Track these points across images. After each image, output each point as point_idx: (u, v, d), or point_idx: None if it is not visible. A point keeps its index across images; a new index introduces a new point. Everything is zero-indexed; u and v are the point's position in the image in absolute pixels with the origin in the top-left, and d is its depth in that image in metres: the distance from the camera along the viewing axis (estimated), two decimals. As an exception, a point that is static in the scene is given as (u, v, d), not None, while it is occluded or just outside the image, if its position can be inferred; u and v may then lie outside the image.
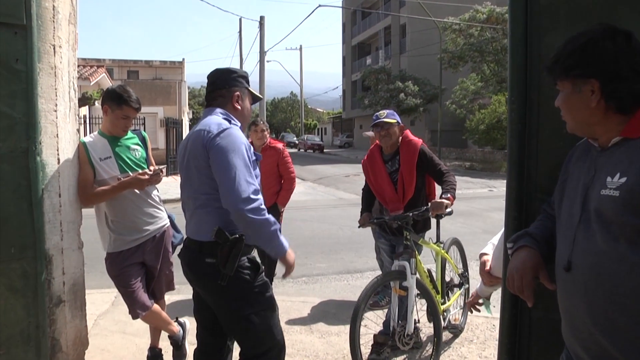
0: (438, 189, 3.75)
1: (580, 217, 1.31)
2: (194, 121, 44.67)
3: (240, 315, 2.21)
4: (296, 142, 49.76)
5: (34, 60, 2.37)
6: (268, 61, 30.02)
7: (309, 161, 29.76)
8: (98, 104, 15.46)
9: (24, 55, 2.34)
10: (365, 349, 3.38)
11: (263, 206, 2.11)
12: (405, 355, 3.48)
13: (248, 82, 2.46)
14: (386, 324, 3.43)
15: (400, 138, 3.75)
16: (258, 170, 2.30)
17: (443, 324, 3.61)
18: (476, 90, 27.86)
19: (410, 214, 3.42)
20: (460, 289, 4.04)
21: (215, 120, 2.24)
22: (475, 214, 10.30)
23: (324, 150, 43.52)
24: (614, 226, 1.21)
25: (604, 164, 1.31)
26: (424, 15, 27.40)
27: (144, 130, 3.40)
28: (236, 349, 2.54)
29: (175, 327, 3.30)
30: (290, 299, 4.85)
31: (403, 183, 3.68)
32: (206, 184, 2.18)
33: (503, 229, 1.88)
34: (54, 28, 2.49)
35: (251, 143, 4.49)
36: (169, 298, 3.64)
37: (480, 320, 4.20)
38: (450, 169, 4.44)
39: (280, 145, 4.85)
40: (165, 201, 3.74)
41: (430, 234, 3.91)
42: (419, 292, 3.33)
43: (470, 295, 2.53)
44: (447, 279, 3.97)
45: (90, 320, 3.80)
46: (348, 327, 3.13)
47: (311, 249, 7.25)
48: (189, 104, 37.71)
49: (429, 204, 3.50)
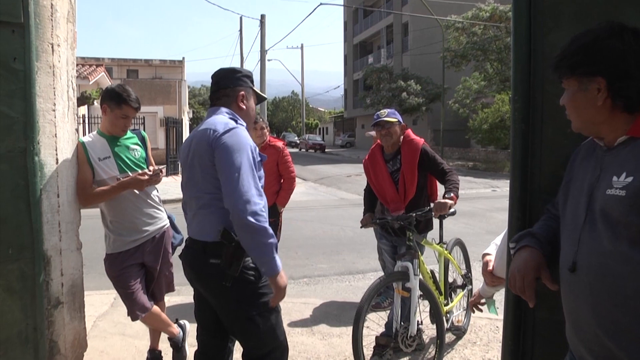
0: (440, 189, 3.72)
1: (585, 218, 1.30)
2: (194, 121, 44.56)
3: (244, 316, 2.18)
4: (297, 142, 49.77)
5: (32, 59, 2.35)
6: (269, 60, 30.02)
7: (311, 161, 29.76)
8: (97, 104, 15.48)
9: (21, 54, 2.32)
10: (368, 350, 3.35)
11: (264, 212, 2.07)
12: (407, 357, 3.46)
13: (252, 82, 2.44)
14: (389, 325, 3.41)
15: (402, 137, 3.73)
16: (262, 171, 2.28)
17: (446, 325, 3.59)
18: (479, 89, 27.67)
19: (414, 214, 3.39)
20: (463, 290, 4.02)
21: (222, 119, 2.22)
22: (478, 214, 10.26)
23: (326, 150, 43.48)
24: (620, 226, 1.20)
25: (609, 164, 1.29)
26: (426, 13, 27.35)
27: (144, 130, 3.38)
28: (237, 351, 2.53)
29: (175, 329, 3.28)
30: (292, 300, 4.82)
31: (404, 183, 3.66)
32: (210, 184, 2.15)
33: (506, 230, 1.85)
34: (52, 26, 2.48)
35: None
36: (169, 299, 3.62)
37: (484, 322, 4.17)
38: (453, 168, 4.41)
39: (280, 143, 4.71)
40: (165, 201, 3.72)
41: (433, 234, 3.89)
42: (421, 293, 3.31)
43: (472, 295, 2.51)
44: (450, 280, 3.95)
45: (89, 322, 3.81)
46: (350, 329, 3.11)
47: (312, 250, 7.23)
48: (189, 104, 37.74)
49: (432, 204, 3.48)
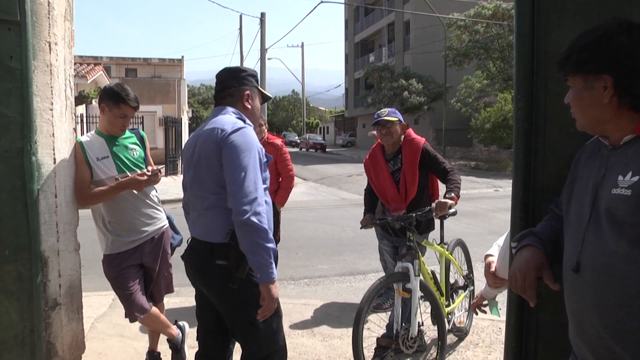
0: (442, 189, 3.70)
1: (589, 217, 1.28)
2: (193, 120, 44.41)
3: (246, 318, 2.17)
4: (298, 142, 49.75)
5: (28, 57, 2.34)
6: (269, 59, 29.97)
7: (311, 161, 29.72)
8: (95, 103, 15.42)
9: (18, 53, 2.31)
10: (369, 352, 3.33)
11: (266, 215, 2.06)
12: (409, 359, 3.43)
13: (257, 81, 2.43)
14: (389, 326, 3.38)
15: (403, 137, 3.71)
16: (268, 172, 2.26)
17: (447, 326, 3.57)
18: (482, 88, 27.52)
19: (414, 214, 3.37)
20: (465, 291, 3.99)
21: (229, 119, 2.21)
22: (481, 215, 10.22)
23: (326, 149, 43.40)
24: (625, 226, 1.18)
25: (615, 163, 1.28)
26: (428, 11, 27.15)
27: (142, 130, 3.36)
28: (236, 352, 2.50)
29: (174, 330, 3.25)
30: (292, 301, 4.79)
31: (405, 182, 3.64)
32: (217, 184, 2.14)
33: (509, 230, 1.84)
34: (49, 25, 2.46)
35: None
36: (168, 300, 3.59)
37: (486, 323, 4.14)
38: (455, 167, 4.38)
39: (278, 141, 4.59)
40: (164, 202, 3.70)
41: (434, 235, 3.86)
42: (422, 295, 3.29)
43: (475, 297, 2.48)
44: (452, 280, 3.92)
45: (87, 324, 3.78)
46: (351, 330, 3.08)
47: (313, 250, 7.20)
48: (188, 103, 37.66)
49: (433, 204, 3.45)
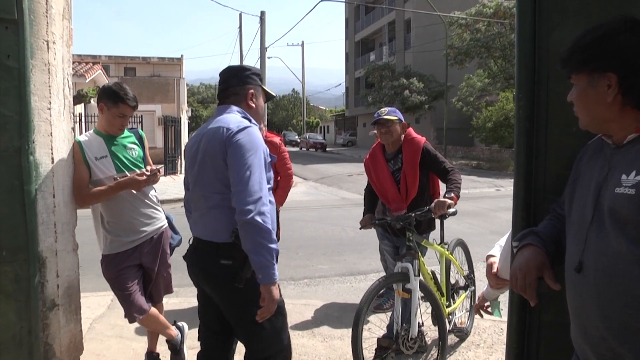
0: (443, 188, 3.68)
1: (592, 217, 1.27)
2: (192, 119, 44.24)
3: (251, 318, 2.15)
4: (298, 141, 49.70)
5: (26, 56, 2.32)
6: (269, 57, 29.90)
7: (311, 160, 29.67)
8: (94, 102, 15.42)
9: (15, 51, 2.28)
10: (369, 352, 3.32)
11: (270, 215, 2.04)
12: (409, 360, 3.41)
13: (261, 80, 2.41)
14: (390, 327, 3.37)
15: (403, 136, 3.70)
16: (272, 173, 2.25)
17: (448, 327, 3.55)
18: (483, 87, 27.42)
19: (413, 214, 3.36)
20: (466, 291, 3.97)
21: (235, 118, 2.19)
22: (482, 214, 10.19)
23: (327, 149, 43.35)
24: (629, 226, 1.17)
25: (618, 162, 1.26)
26: (429, 9, 27.00)
27: (141, 129, 3.34)
28: (238, 353, 2.48)
29: (174, 331, 3.23)
30: (292, 301, 4.77)
31: (406, 182, 3.63)
32: (222, 183, 2.12)
33: (511, 230, 1.82)
34: (47, 23, 2.44)
35: None
36: (167, 301, 3.57)
37: (488, 324, 4.12)
38: (455, 166, 4.35)
39: (277, 139, 4.53)
40: (163, 201, 3.68)
41: (435, 234, 3.84)
42: (422, 295, 3.27)
43: (477, 298, 2.46)
44: (452, 281, 3.90)
45: (86, 325, 3.77)
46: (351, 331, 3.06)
47: (313, 250, 7.18)
48: (187, 102, 37.63)
49: (432, 203, 3.44)
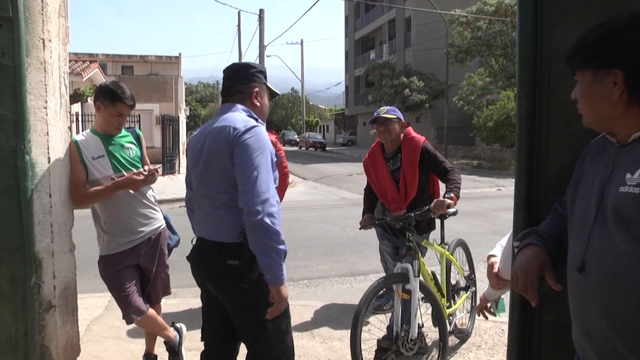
0: (443, 188, 3.66)
1: (595, 216, 1.26)
2: (190, 118, 44.05)
3: (256, 319, 2.14)
4: (297, 140, 49.59)
5: (21, 54, 2.29)
6: (268, 56, 29.90)
7: (311, 160, 29.58)
8: (91, 101, 15.36)
9: (10, 50, 2.26)
10: (369, 354, 3.29)
11: (279, 216, 2.02)
12: (409, 361, 3.39)
13: (266, 78, 2.38)
14: (390, 328, 3.35)
15: (402, 135, 3.68)
16: (277, 172, 2.23)
17: (449, 328, 3.52)
18: (484, 85, 27.24)
19: (412, 214, 3.34)
20: (466, 292, 3.95)
21: (241, 117, 2.16)
22: (483, 214, 10.16)
23: (326, 148, 43.24)
24: (633, 225, 1.15)
25: (623, 160, 1.25)
26: (429, 7, 26.85)
27: (139, 128, 3.32)
28: (241, 355, 2.45)
29: (172, 333, 3.21)
30: (291, 302, 4.67)
31: (405, 182, 3.61)
32: (228, 183, 2.10)
33: (512, 230, 1.80)
34: (43, 21, 2.42)
35: None
36: (165, 302, 3.55)
37: (489, 325, 4.09)
38: (455, 166, 4.32)
39: (272, 137, 4.54)
40: (161, 201, 3.66)
41: (435, 235, 3.82)
42: (423, 296, 3.24)
43: (478, 299, 2.44)
44: (453, 281, 3.88)
45: (83, 326, 3.72)
46: (351, 332, 3.04)
47: (313, 251, 7.15)
48: (185, 101, 37.51)
49: (432, 203, 3.42)
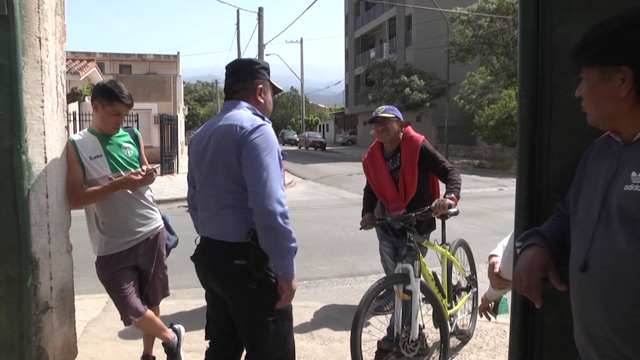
0: (443, 188, 3.64)
1: (599, 215, 1.24)
2: (189, 118, 43.92)
3: (259, 321, 2.13)
4: (297, 140, 49.38)
5: (17, 53, 2.27)
6: (267, 55, 29.86)
7: (310, 159, 29.49)
8: (88, 100, 15.35)
9: (6, 48, 2.24)
10: (370, 355, 3.27)
11: (289, 215, 2.01)
12: (410, 362, 3.36)
13: (269, 74, 2.35)
14: (390, 329, 3.33)
15: (401, 134, 3.66)
16: (284, 170, 2.21)
17: (450, 329, 3.50)
18: (485, 84, 27.19)
19: (413, 214, 3.31)
20: (468, 293, 3.92)
21: (246, 115, 2.13)
22: (485, 214, 10.13)
23: (326, 147, 43.15)
24: (637, 224, 1.13)
25: (628, 159, 1.23)
26: (430, 5, 26.71)
27: (137, 128, 3.30)
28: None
29: (170, 334, 3.19)
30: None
31: (405, 181, 3.59)
32: (235, 183, 2.07)
33: (513, 230, 1.79)
34: (40, 19, 2.40)
35: None
36: (163, 303, 3.52)
37: (490, 326, 4.06)
38: (455, 166, 4.31)
39: None
40: (159, 202, 3.64)
41: (436, 235, 3.79)
42: (424, 296, 3.22)
43: (479, 299, 2.42)
44: (454, 282, 3.85)
45: (80, 328, 3.72)
46: (351, 333, 3.01)
47: (313, 251, 7.11)
48: (184, 100, 37.43)
49: (433, 203, 3.40)
